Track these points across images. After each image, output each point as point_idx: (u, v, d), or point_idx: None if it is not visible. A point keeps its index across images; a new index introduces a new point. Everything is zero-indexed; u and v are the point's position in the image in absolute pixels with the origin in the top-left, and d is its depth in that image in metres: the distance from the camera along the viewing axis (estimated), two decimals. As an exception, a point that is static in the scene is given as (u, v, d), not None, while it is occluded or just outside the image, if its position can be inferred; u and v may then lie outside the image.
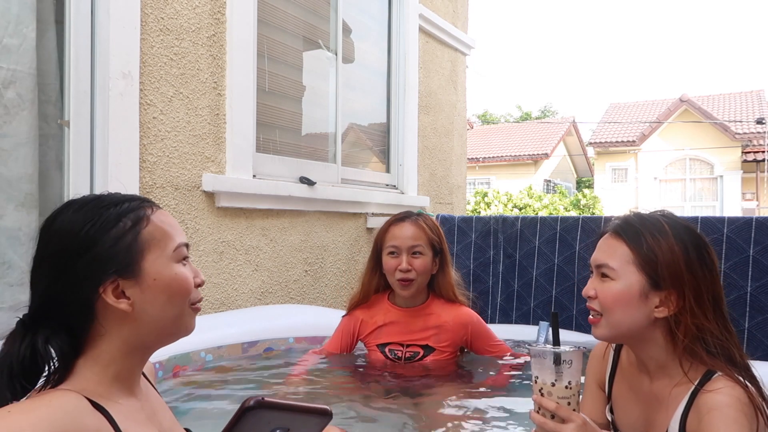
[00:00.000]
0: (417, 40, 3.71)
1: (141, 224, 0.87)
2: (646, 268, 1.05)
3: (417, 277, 1.89)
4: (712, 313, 1.04)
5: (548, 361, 1.00)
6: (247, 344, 2.08)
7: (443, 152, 4.10)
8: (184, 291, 0.89)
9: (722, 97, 19.96)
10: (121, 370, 0.86)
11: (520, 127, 26.20)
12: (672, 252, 1.04)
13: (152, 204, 0.92)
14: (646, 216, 1.11)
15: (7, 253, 1.78)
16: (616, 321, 1.07)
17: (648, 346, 1.08)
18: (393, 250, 1.91)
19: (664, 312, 1.04)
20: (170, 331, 0.90)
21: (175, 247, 0.89)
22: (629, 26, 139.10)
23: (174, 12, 2.20)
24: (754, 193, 17.75)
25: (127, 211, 0.87)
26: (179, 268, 0.89)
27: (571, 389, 1.00)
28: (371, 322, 2.00)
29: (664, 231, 1.06)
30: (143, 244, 0.86)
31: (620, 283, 1.06)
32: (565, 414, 0.98)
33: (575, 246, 2.58)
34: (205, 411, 1.57)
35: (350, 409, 1.65)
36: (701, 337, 1.02)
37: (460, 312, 1.96)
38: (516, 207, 15.83)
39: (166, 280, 0.87)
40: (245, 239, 2.50)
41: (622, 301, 1.06)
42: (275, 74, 2.79)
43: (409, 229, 1.92)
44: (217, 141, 2.38)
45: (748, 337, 2.19)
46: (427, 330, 1.95)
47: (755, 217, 2.20)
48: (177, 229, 0.92)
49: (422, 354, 1.93)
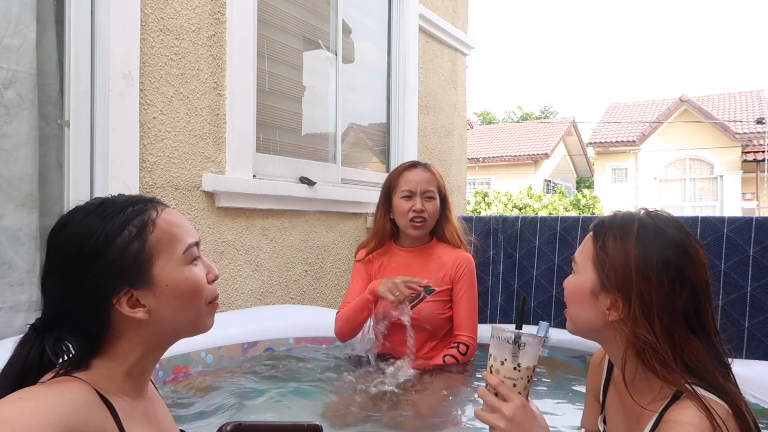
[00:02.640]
0: (417, 40, 3.71)
1: (147, 230, 0.85)
2: (599, 266, 1.01)
3: (428, 218, 2.04)
4: (659, 326, 0.94)
5: (502, 340, 1.00)
6: (247, 344, 2.08)
7: (443, 152, 4.10)
8: (197, 293, 0.88)
9: (722, 97, 19.96)
10: (134, 368, 0.86)
11: (520, 127, 26.20)
12: (625, 255, 0.98)
13: (157, 204, 0.90)
14: (623, 216, 1.05)
15: (7, 253, 1.78)
16: (572, 315, 1.07)
17: (612, 350, 1.05)
18: (407, 194, 2.04)
19: (614, 315, 0.99)
20: (188, 330, 0.90)
21: (184, 249, 0.88)
22: (629, 26, 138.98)
23: (174, 12, 2.20)
24: (754, 193, 17.75)
25: (131, 217, 0.85)
26: (190, 270, 0.88)
27: (520, 372, 0.98)
28: (378, 261, 2.13)
29: (628, 232, 1.00)
30: (151, 251, 0.84)
31: (577, 278, 1.06)
32: (506, 392, 0.97)
33: (575, 246, 2.58)
34: (205, 412, 1.57)
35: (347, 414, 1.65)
36: (651, 351, 0.95)
37: (459, 253, 2.10)
38: (516, 207, 15.83)
39: (179, 285, 0.86)
40: (245, 239, 2.50)
41: (576, 295, 1.05)
42: (275, 74, 2.79)
43: (423, 174, 2.07)
44: (217, 141, 2.38)
45: (748, 336, 2.19)
46: (429, 270, 2.06)
47: (755, 217, 2.20)
48: (185, 229, 0.90)
49: (422, 295, 2.01)
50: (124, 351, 0.85)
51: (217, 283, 0.95)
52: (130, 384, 0.86)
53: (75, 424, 0.72)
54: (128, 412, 0.83)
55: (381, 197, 2.13)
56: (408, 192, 2.04)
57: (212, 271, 0.93)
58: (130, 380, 0.86)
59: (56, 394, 0.74)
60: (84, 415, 0.75)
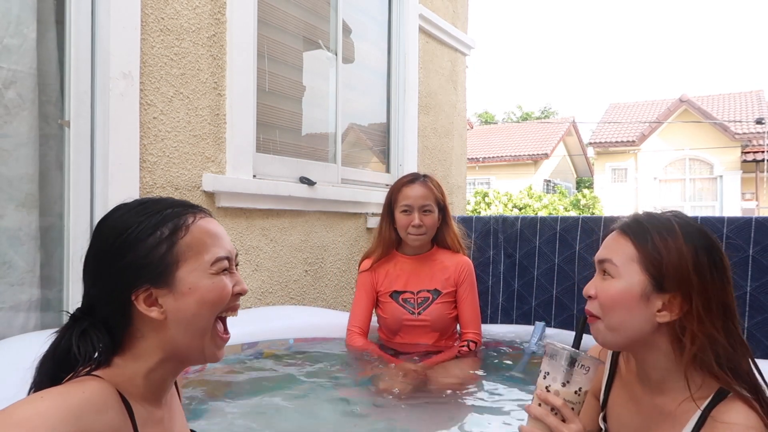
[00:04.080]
0: (417, 40, 3.71)
1: (179, 233, 0.86)
2: (650, 267, 0.98)
3: (427, 231, 2.17)
4: (721, 322, 0.97)
5: (563, 360, 0.96)
6: (247, 345, 2.08)
7: (443, 152, 4.11)
8: (219, 300, 0.88)
9: (722, 97, 19.96)
10: (153, 374, 0.87)
11: (520, 127, 26.20)
12: (680, 253, 0.97)
13: (198, 211, 0.90)
14: (656, 215, 1.05)
15: (7, 253, 1.78)
16: (615, 323, 1.00)
17: (652, 354, 1.02)
18: (406, 209, 2.16)
19: (666, 317, 0.98)
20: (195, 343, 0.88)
21: (213, 260, 0.87)
22: (629, 26, 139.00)
23: (174, 12, 2.20)
24: (754, 193, 17.75)
25: (168, 218, 0.87)
26: (216, 278, 0.87)
27: (579, 396, 0.95)
28: (383, 270, 2.24)
29: (673, 231, 1.00)
30: (179, 254, 0.85)
31: (622, 282, 1.00)
32: (570, 415, 0.94)
33: (575, 246, 2.58)
34: (204, 412, 1.57)
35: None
36: (711, 347, 0.95)
37: (460, 258, 2.25)
38: (516, 207, 15.83)
39: (202, 290, 0.86)
40: (245, 239, 2.50)
41: (623, 301, 0.99)
42: (275, 74, 2.79)
43: (420, 190, 2.18)
44: (217, 141, 2.38)
45: (748, 337, 2.19)
46: (434, 275, 2.21)
47: (755, 217, 2.20)
48: (219, 240, 0.90)
49: (431, 299, 2.18)
50: (144, 352, 0.86)
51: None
52: (149, 390, 0.86)
53: (92, 426, 0.73)
54: (145, 417, 0.84)
55: (384, 209, 2.25)
56: (406, 207, 2.16)
57: (240, 284, 0.92)
58: (149, 386, 0.86)
59: (75, 394, 0.75)
60: (101, 417, 0.76)
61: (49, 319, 1.88)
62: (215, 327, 0.89)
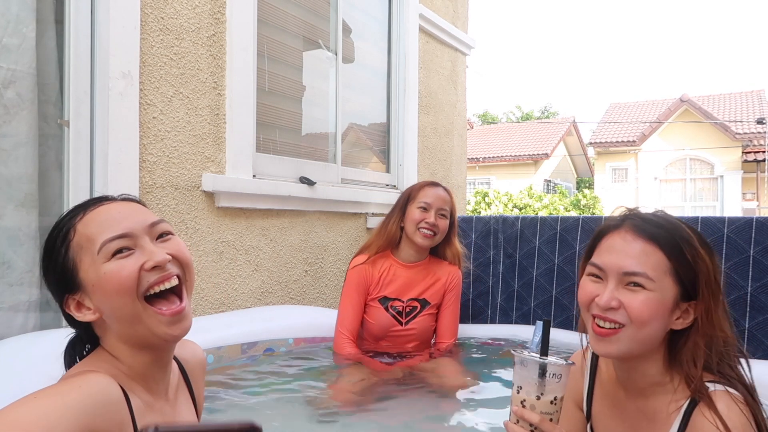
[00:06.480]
0: (417, 40, 3.71)
1: (68, 239, 0.88)
2: (685, 279, 0.97)
3: (438, 234, 2.17)
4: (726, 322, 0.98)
5: (533, 372, 0.93)
6: (247, 345, 2.08)
7: (443, 152, 4.10)
8: (120, 286, 0.84)
9: (722, 97, 19.95)
10: (133, 366, 0.88)
11: (520, 127, 26.19)
12: (704, 261, 0.98)
13: (91, 205, 0.90)
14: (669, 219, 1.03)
15: (7, 253, 1.78)
16: (645, 336, 0.97)
17: (648, 361, 1.01)
18: (424, 206, 2.17)
19: (681, 323, 0.98)
20: (141, 329, 0.86)
21: (99, 248, 0.85)
22: (629, 26, 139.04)
23: (174, 12, 2.20)
24: (755, 193, 17.75)
25: (62, 227, 0.89)
26: (108, 266, 0.84)
27: (556, 405, 0.93)
28: (378, 270, 2.21)
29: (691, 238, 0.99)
30: (74, 257, 0.87)
31: (656, 295, 0.96)
32: (548, 428, 0.92)
33: (575, 246, 2.58)
34: (204, 411, 1.57)
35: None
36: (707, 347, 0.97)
37: (451, 269, 2.27)
38: (516, 207, 15.83)
39: (100, 283, 0.85)
40: (245, 239, 2.50)
41: (658, 314, 0.96)
42: (275, 74, 2.79)
43: (442, 193, 2.21)
44: (217, 141, 2.38)
45: (748, 337, 2.18)
46: (426, 285, 2.21)
47: (755, 218, 2.19)
48: (105, 226, 0.86)
49: (419, 309, 2.18)
50: (113, 348, 0.89)
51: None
52: (138, 382, 0.88)
53: (93, 420, 0.74)
54: (143, 409, 0.85)
55: (397, 204, 2.25)
56: (425, 204, 2.17)
57: (153, 257, 0.86)
58: (137, 379, 0.88)
59: (72, 390, 0.75)
60: (102, 409, 0.76)
61: (48, 320, 1.88)
62: (148, 308, 0.85)
